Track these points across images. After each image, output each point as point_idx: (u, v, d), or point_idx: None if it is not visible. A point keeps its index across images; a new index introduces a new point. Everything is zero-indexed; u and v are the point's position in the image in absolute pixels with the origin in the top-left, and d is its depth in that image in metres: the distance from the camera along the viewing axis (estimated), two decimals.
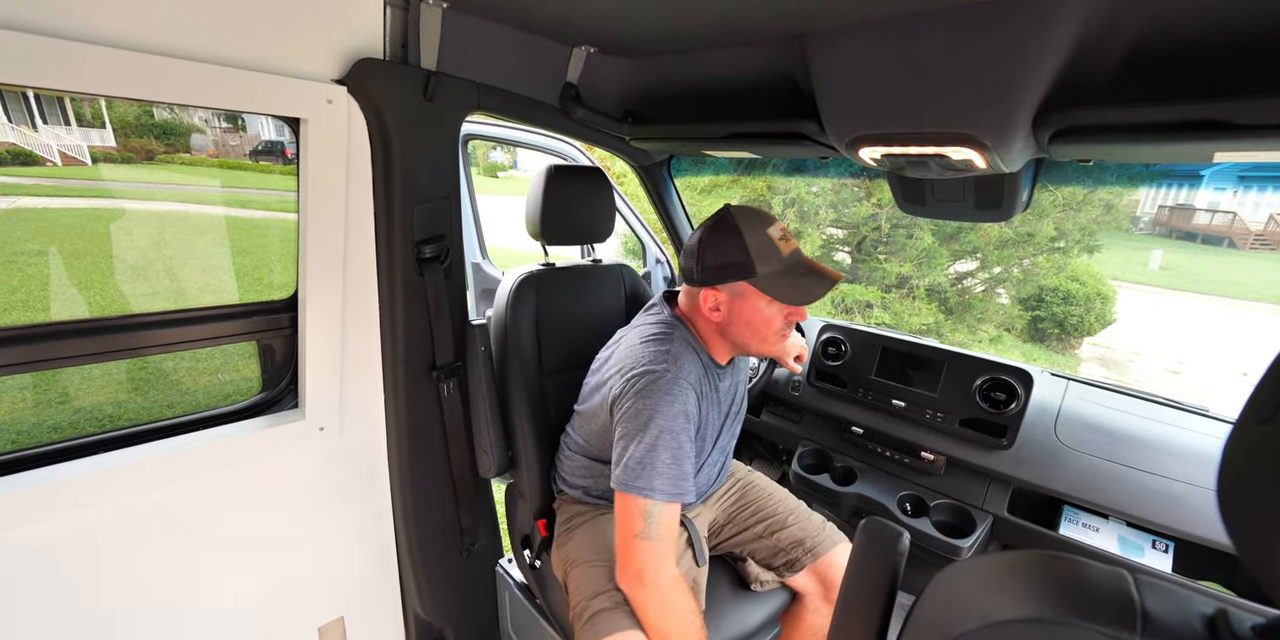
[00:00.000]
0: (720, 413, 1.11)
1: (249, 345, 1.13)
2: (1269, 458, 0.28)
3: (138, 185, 6.75)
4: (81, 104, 6.28)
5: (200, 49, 0.83)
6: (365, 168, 1.07)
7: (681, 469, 0.92)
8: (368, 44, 0.99)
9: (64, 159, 5.93)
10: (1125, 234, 13.52)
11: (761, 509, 1.21)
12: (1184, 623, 0.31)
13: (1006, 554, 0.42)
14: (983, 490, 1.37)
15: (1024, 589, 0.36)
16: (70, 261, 4.31)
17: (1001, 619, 0.35)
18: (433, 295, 1.18)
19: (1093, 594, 0.34)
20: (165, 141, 7.52)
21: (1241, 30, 0.65)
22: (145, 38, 0.79)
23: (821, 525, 1.17)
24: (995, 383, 1.34)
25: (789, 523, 1.17)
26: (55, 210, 5.49)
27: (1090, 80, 0.77)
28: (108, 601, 0.96)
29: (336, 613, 1.30)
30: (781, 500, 1.23)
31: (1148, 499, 1.13)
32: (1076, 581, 0.35)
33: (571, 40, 1.19)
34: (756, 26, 0.95)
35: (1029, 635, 0.33)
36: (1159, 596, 0.33)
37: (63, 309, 3.57)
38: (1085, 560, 0.38)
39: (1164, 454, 1.17)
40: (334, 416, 1.16)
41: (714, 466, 1.16)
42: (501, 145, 11.70)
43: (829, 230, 5.42)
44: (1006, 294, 5.59)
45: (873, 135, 0.95)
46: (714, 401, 1.07)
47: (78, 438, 0.95)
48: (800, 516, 1.19)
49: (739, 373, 1.19)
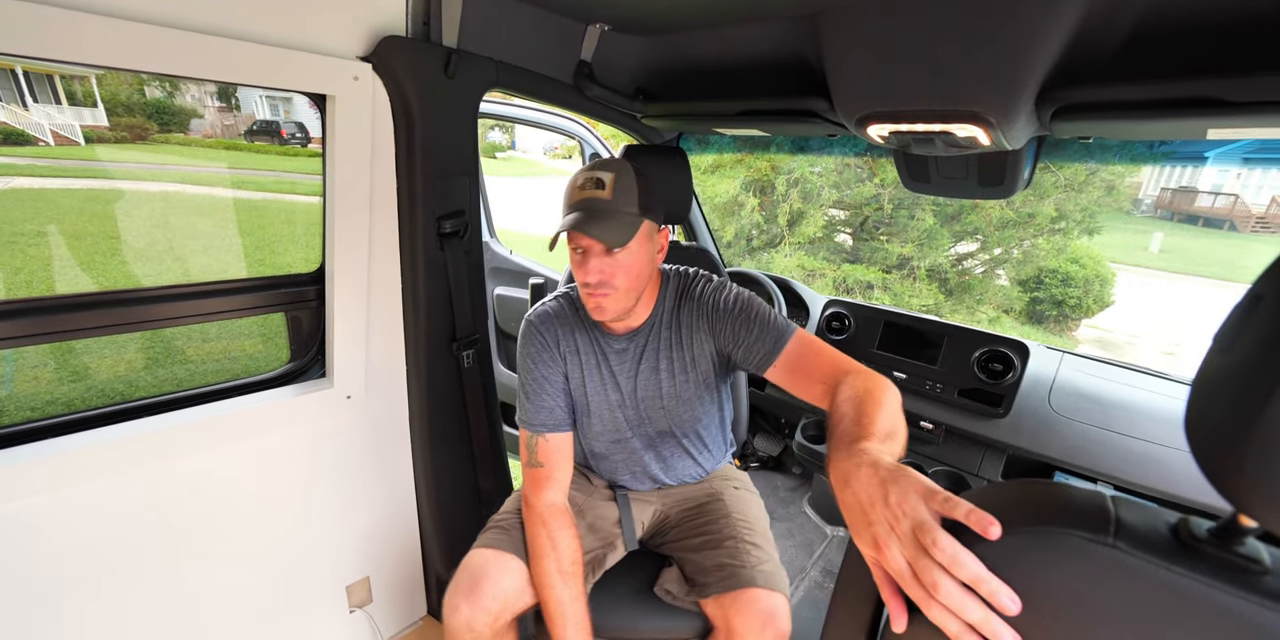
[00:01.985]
0: (616, 388, 1.03)
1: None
2: (1227, 383, 0.33)
3: (133, 165, 6.70)
4: (72, 82, 6.19)
5: (233, 26, 0.86)
6: (388, 144, 1.10)
7: (538, 403, 1.02)
8: (391, 21, 1.01)
9: (56, 138, 5.88)
10: (1126, 216, 13.46)
11: (711, 524, 1.06)
12: (1152, 528, 0.37)
13: (1005, 482, 0.47)
14: (979, 458, 1.43)
15: (1016, 507, 0.41)
16: (71, 242, 4.32)
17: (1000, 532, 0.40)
18: (453, 269, 1.22)
19: (1075, 508, 0.39)
20: (158, 120, 7.44)
21: (1235, 9, 0.69)
22: (180, 14, 0.81)
23: (758, 564, 0.96)
24: (993, 354, 1.40)
25: (724, 546, 1.00)
26: (52, 191, 5.47)
27: (1092, 58, 0.80)
28: (143, 560, 1.02)
29: (363, 572, 1.38)
30: (737, 523, 1.05)
31: (1135, 462, 1.20)
32: (1062, 499, 0.41)
33: (586, 18, 1.21)
34: (768, 5, 0.98)
35: (1020, 544, 0.39)
36: (1131, 510, 0.39)
37: (66, 289, 3.61)
38: (1070, 485, 0.43)
39: (1151, 420, 1.23)
40: (360, 385, 1.21)
41: (626, 452, 1.09)
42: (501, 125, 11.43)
43: (831, 211, 5.43)
44: (1006, 275, 5.64)
45: (881, 113, 0.98)
46: (596, 365, 1.03)
47: (117, 404, 1.00)
48: (740, 546, 0.99)
49: (663, 351, 1.04)
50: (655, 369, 1.03)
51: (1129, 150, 1.20)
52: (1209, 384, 0.34)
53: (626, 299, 0.93)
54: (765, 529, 1.08)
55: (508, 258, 2.23)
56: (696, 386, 1.04)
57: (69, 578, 0.94)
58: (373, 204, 1.11)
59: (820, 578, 1.71)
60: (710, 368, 1.03)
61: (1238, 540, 0.35)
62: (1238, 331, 0.33)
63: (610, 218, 0.87)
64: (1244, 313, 0.33)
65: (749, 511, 1.10)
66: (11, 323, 0.87)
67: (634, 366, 1.03)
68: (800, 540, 1.87)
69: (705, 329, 0.99)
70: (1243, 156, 1.40)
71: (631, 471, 1.13)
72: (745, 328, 0.95)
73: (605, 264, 0.89)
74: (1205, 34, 0.72)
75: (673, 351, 1.02)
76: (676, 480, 1.15)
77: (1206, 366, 0.35)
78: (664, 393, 1.04)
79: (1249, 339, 0.32)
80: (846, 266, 5.21)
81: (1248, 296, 0.33)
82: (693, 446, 1.12)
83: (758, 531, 1.05)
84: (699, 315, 1.00)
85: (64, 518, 0.92)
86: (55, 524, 0.91)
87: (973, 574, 0.39)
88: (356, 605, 1.38)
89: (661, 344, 1.02)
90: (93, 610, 0.97)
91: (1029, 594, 0.38)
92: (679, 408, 1.05)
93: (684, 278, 1.05)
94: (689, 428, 1.09)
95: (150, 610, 1.04)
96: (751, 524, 1.06)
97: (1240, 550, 0.34)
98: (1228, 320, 0.34)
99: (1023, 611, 0.38)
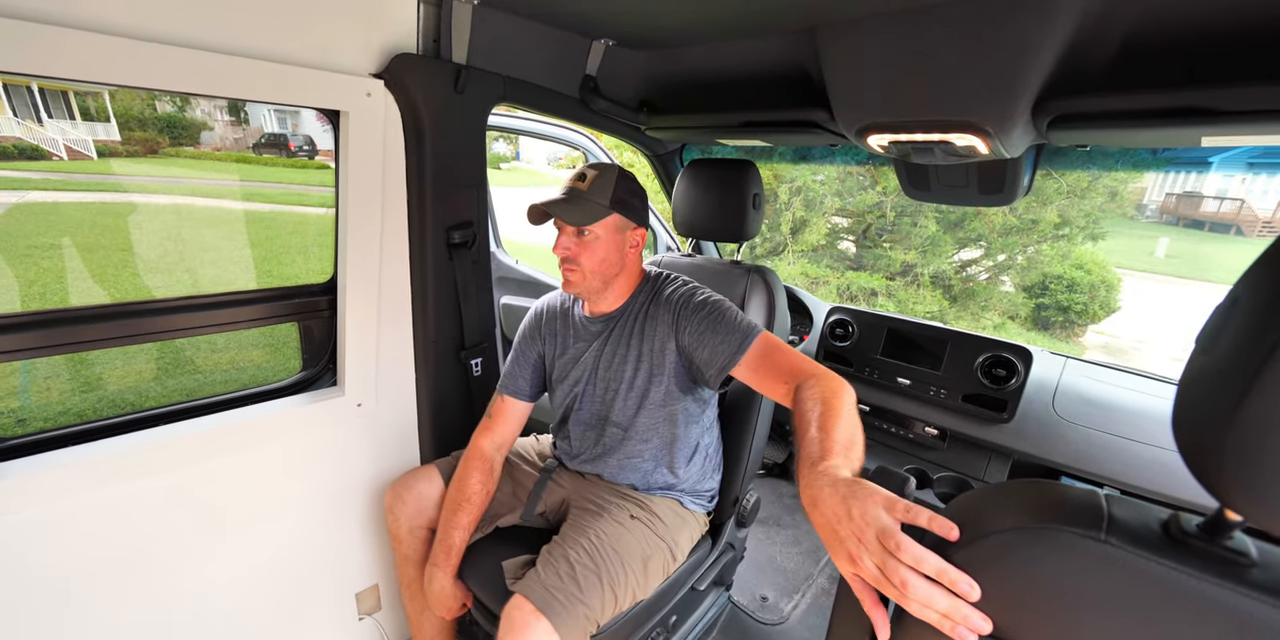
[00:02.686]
0: (579, 365, 1.12)
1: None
2: (1208, 381, 0.34)
3: (144, 178, 6.81)
4: (85, 98, 6.33)
5: (251, 46, 0.89)
6: (399, 157, 1.13)
7: (510, 369, 1.20)
8: (402, 39, 1.04)
9: (70, 153, 6.00)
10: (1131, 221, 13.42)
11: (577, 534, 1.02)
12: (1143, 524, 0.38)
13: (1004, 482, 0.48)
14: (984, 463, 1.43)
15: (1013, 505, 0.42)
16: (85, 254, 4.39)
17: (994, 530, 0.41)
18: (461, 279, 1.24)
19: (1069, 507, 0.40)
20: (170, 134, 7.57)
21: (1225, 21, 0.71)
22: (202, 36, 0.85)
23: (556, 586, 0.92)
24: (996, 360, 1.40)
25: (554, 556, 0.98)
26: (65, 204, 5.57)
27: (1086, 69, 0.82)
28: (155, 567, 1.04)
29: (372, 579, 1.38)
30: (593, 548, 0.99)
31: (1140, 467, 1.20)
32: (1057, 498, 0.42)
33: (592, 34, 1.24)
34: (769, 20, 1.00)
35: (1016, 541, 0.40)
36: (1124, 507, 0.40)
37: (79, 301, 3.66)
38: (1066, 484, 0.44)
39: (1156, 424, 1.23)
40: (370, 393, 1.23)
41: (580, 427, 1.16)
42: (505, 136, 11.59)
43: (834, 219, 5.45)
44: (1010, 282, 5.63)
45: (881, 123, 1.00)
46: (569, 342, 1.15)
47: (132, 413, 1.03)
48: (565, 566, 0.95)
49: (625, 338, 1.09)
50: (621, 355, 1.10)
51: (1131, 157, 1.19)
52: (1192, 384, 0.36)
53: (592, 279, 1.05)
54: (620, 573, 0.98)
55: (513, 267, 2.26)
56: (658, 387, 1.07)
57: (83, 582, 0.96)
58: (383, 216, 1.14)
59: (827, 585, 1.71)
60: (673, 367, 1.05)
61: (1225, 534, 0.36)
62: (1217, 333, 0.34)
63: (579, 204, 1.01)
64: (1223, 315, 0.34)
65: (625, 548, 1.01)
66: (28, 334, 0.89)
67: (600, 347, 1.12)
68: (806, 547, 1.86)
69: (668, 323, 1.05)
70: (1247, 161, 1.39)
71: (577, 451, 1.19)
72: (710, 328, 1.00)
73: (573, 242, 1.03)
74: (1195, 44, 0.74)
75: (636, 340, 1.09)
76: (610, 476, 1.16)
77: (1190, 367, 0.36)
78: (625, 380, 1.09)
79: (1227, 340, 0.33)
80: (850, 274, 5.22)
81: (1227, 299, 0.35)
82: (636, 449, 1.11)
83: (603, 567, 0.96)
84: (665, 310, 1.06)
85: (80, 524, 0.93)
86: (72, 530, 0.93)
87: (935, 567, 0.45)
88: (366, 613, 1.39)
89: (628, 331, 1.10)
90: (105, 614, 0.99)
91: (1025, 588, 0.39)
92: (636, 401, 1.09)
93: (661, 279, 1.13)
94: (642, 429, 1.10)
95: (161, 615, 1.06)
96: (607, 559, 0.98)
97: (1228, 544, 0.36)
98: (1208, 322, 0.36)
99: (1018, 604, 0.39)
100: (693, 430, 1.12)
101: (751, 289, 1.24)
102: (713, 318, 1.00)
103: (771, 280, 1.25)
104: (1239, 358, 0.31)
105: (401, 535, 1.16)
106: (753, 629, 1.52)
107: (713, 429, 1.18)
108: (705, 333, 1.00)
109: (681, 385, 1.07)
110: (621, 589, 0.97)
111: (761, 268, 1.27)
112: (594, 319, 1.13)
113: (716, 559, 1.22)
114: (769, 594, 1.65)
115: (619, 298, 1.11)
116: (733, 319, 1.00)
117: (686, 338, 1.02)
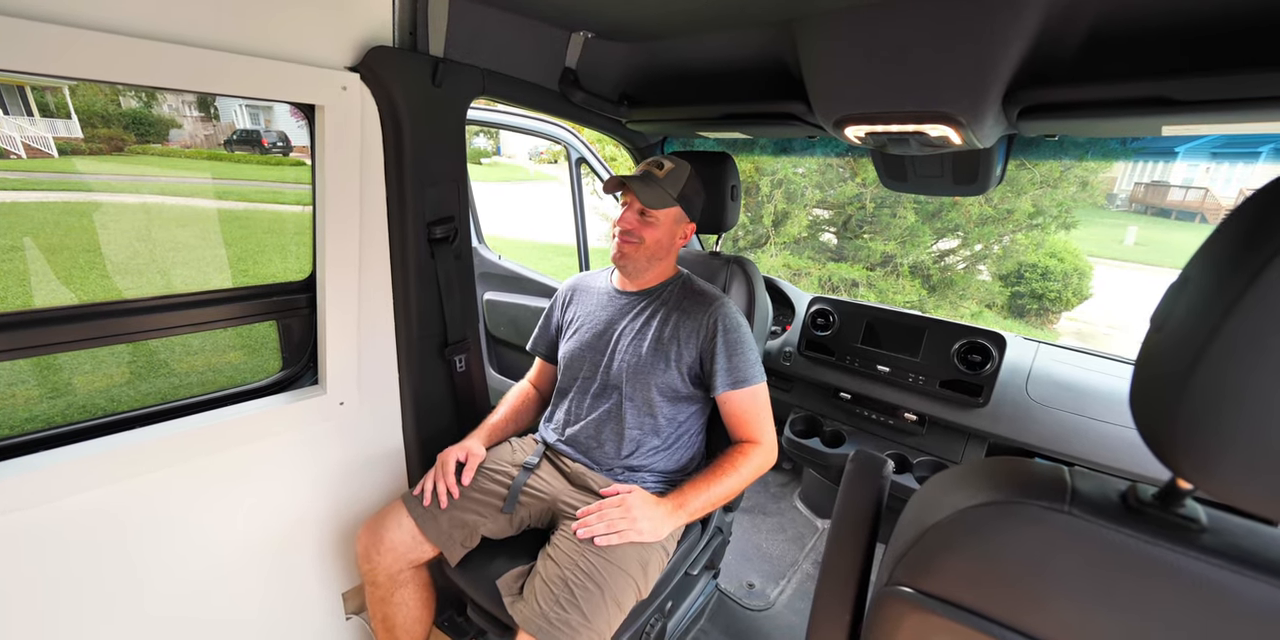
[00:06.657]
0: (597, 332, 1.21)
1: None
2: (1159, 356, 0.36)
3: (110, 177, 6.59)
4: (44, 93, 6.07)
5: (223, 39, 0.87)
6: (377, 152, 1.11)
7: (538, 333, 1.37)
8: (378, 32, 1.03)
9: (28, 151, 5.76)
10: (1102, 210, 13.77)
11: (562, 544, 1.01)
12: (1103, 495, 0.40)
13: (974, 461, 0.50)
14: (961, 446, 1.47)
15: (984, 483, 0.44)
16: (48, 256, 4.24)
17: (964, 506, 0.43)
18: (443, 275, 1.23)
19: (1035, 482, 0.42)
20: (135, 131, 7.32)
21: (1181, 15, 0.73)
22: (171, 29, 0.82)
23: (564, 624, 0.90)
24: (972, 346, 1.44)
25: (554, 581, 0.95)
26: (25, 204, 5.36)
27: (1053, 61, 0.84)
28: (141, 570, 1.03)
29: (358, 578, 1.38)
30: (572, 567, 0.97)
31: (1109, 446, 1.25)
32: (1025, 474, 0.44)
33: (570, 26, 1.23)
34: (747, 12, 1.01)
35: (986, 515, 0.42)
36: (1086, 480, 0.42)
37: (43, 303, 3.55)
38: (1034, 461, 0.46)
39: (1123, 405, 1.28)
40: (352, 391, 1.22)
41: (579, 395, 1.21)
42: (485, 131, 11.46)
43: (815, 211, 5.50)
44: (987, 271, 5.74)
45: (857, 115, 1.02)
46: (595, 309, 1.25)
47: (111, 415, 1.00)
48: (550, 590, 0.94)
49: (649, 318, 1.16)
50: (641, 332, 1.17)
51: (1101, 146, 1.21)
52: (1147, 361, 0.38)
53: (645, 256, 1.15)
54: (623, 584, 0.96)
55: (496, 262, 2.25)
56: (664, 367, 1.14)
57: (64, 588, 0.94)
58: (362, 212, 1.12)
59: (811, 569, 1.74)
60: (685, 360, 1.14)
61: (1178, 502, 0.38)
62: (1169, 311, 0.36)
63: (653, 187, 1.12)
64: (1174, 294, 0.36)
65: (623, 558, 0.98)
66: None
67: (620, 317, 1.21)
68: (791, 534, 1.90)
69: (705, 331, 1.13)
70: (1210, 151, 1.43)
71: (575, 417, 1.22)
72: (726, 353, 1.11)
73: (637, 219, 1.13)
74: (1156, 37, 0.77)
75: (660, 324, 1.16)
76: (601, 443, 1.17)
77: (1145, 345, 0.38)
78: (637, 353, 1.16)
79: (1177, 318, 0.35)
80: (831, 265, 5.27)
81: (1179, 279, 0.37)
82: (633, 420, 1.15)
83: (605, 585, 0.95)
84: (707, 317, 1.13)
85: (59, 529, 0.92)
86: (51, 535, 0.91)
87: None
88: (353, 612, 1.38)
89: (654, 313, 1.18)
90: (88, 618, 0.97)
91: (996, 561, 0.41)
92: (644, 375, 1.14)
93: (705, 289, 1.20)
94: (639, 401, 1.15)
95: (145, 617, 1.04)
96: (608, 575, 0.96)
97: (1180, 511, 0.38)
98: (1161, 301, 0.38)
99: (990, 578, 0.41)
100: (684, 409, 1.18)
101: (731, 279, 1.31)
102: (743, 348, 1.12)
103: (750, 270, 1.32)
104: (1188, 334, 0.33)
105: (380, 580, 1.12)
106: (740, 615, 1.55)
107: (702, 416, 1.23)
108: (719, 354, 1.11)
109: (685, 374, 1.15)
110: (625, 598, 0.97)
111: (741, 258, 1.33)
112: (624, 292, 1.23)
113: (707, 543, 1.25)
114: (755, 581, 1.68)
115: (654, 279, 1.21)
116: (753, 359, 1.13)
117: (705, 349, 1.13)
